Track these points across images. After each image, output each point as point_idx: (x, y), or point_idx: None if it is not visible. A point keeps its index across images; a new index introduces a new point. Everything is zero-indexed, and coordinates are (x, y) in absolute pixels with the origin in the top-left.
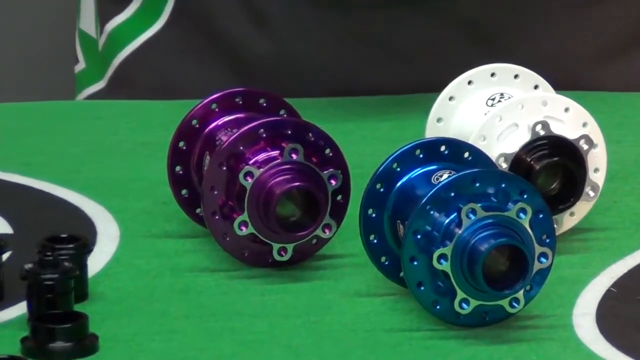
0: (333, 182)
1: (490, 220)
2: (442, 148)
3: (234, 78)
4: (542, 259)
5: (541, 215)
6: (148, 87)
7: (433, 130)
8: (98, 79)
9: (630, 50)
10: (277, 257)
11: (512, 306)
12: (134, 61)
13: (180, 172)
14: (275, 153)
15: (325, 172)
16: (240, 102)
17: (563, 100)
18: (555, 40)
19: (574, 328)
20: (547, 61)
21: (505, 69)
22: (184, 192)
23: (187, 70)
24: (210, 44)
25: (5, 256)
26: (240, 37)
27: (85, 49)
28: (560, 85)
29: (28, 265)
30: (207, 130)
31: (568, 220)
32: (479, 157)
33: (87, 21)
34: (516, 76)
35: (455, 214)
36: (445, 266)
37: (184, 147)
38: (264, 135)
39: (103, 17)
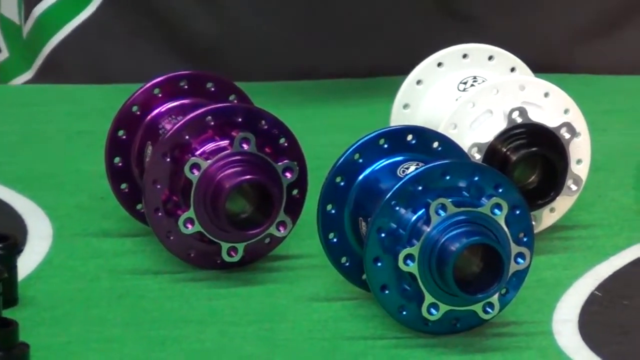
0: (288, 175)
1: (461, 217)
2: (409, 137)
3: (179, 61)
4: (519, 260)
5: (518, 212)
6: (83, 76)
7: (399, 117)
8: (25, 70)
9: (617, 29)
10: (226, 258)
11: (485, 312)
12: (66, 48)
13: (120, 164)
14: (224, 143)
15: (279, 163)
16: (186, 87)
17: (542, 84)
18: (536, 18)
19: (554, 336)
20: (526, 41)
21: (478, 49)
22: (123, 186)
23: (126, 54)
24: (151, 25)
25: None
26: (185, 16)
27: (8, 36)
28: (540, 66)
29: None
30: (149, 117)
31: (548, 217)
32: (449, 147)
33: (9, 6)
34: (490, 57)
35: (423, 210)
36: (412, 267)
37: (124, 137)
38: (212, 123)
39: (28, 1)
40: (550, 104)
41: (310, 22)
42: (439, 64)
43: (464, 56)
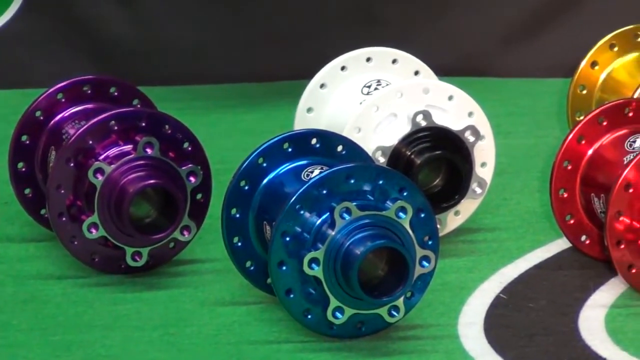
0: (192, 179)
1: (366, 221)
2: (313, 141)
3: (94, 66)
4: (424, 263)
5: (423, 215)
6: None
7: (303, 121)
8: None
9: (532, 34)
10: (130, 263)
11: (391, 315)
12: None
13: (23, 169)
14: (128, 147)
15: (183, 168)
16: (89, 92)
17: (446, 88)
18: (453, 23)
19: (460, 339)
20: (444, 45)
21: (382, 53)
22: (27, 191)
23: (45, 60)
24: (69, 30)
25: None
26: (103, 21)
27: None
28: (458, 70)
29: None
30: (52, 122)
31: (453, 220)
32: (353, 150)
33: None
34: (394, 61)
35: (328, 213)
36: (317, 271)
37: (27, 142)
38: (116, 128)
39: None
40: (455, 107)
41: (217, 26)
42: (343, 68)
43: (368, 60)
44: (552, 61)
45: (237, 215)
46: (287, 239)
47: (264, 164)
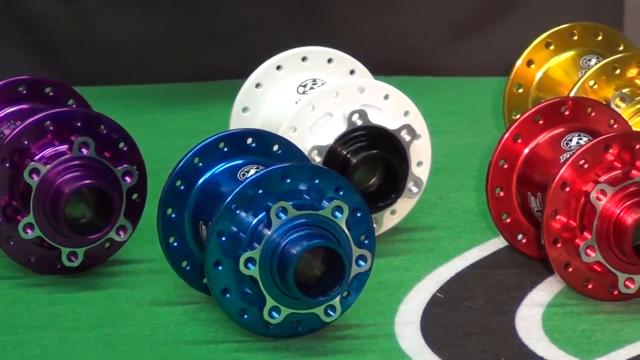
0: (128, 179)
1: (302, 220)
2: (249, 141)
3: (38, 63)
4: (361, 262)
5: (359, 214)
6: None
7: (238, 121)
8: None
9: (474, 33)
10: (66, 263)
11: (327, 314)
12: None
13: None
14: (63, 148)
15: (119, 168)
16: (24, 92)
17: (382, 87)
18: (395, 22)
19: (396, 338)
20: (386, 43)
21: (317, 52)
22: None
23: None
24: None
25: None
26: (42, 17)
27: None
28: (381, 70)
29: None
30: None
31: (389, 219)
32: (289, 150)
33: None
34: (330, 60)
35: (264, 213)
36: (254, 271)
37: None
38: (51, 128)
39: None
40: (390, 107)
41: (152, 26)
42: (278, 67)
43: (303, 59)
44: (489, 60)
45: (173, 215)
46: (223, 238)
47: (200, 164)
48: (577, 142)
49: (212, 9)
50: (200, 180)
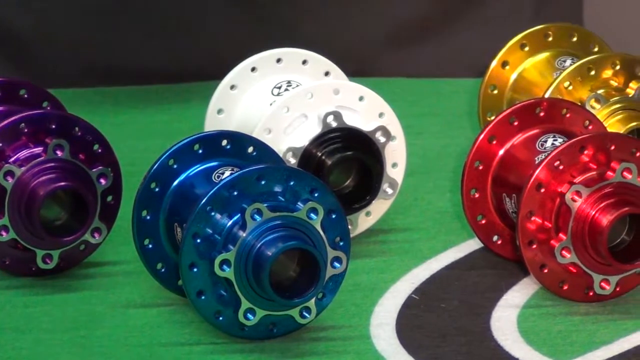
0: (103, 181)
1: (277, 222)
2: (224, 142)
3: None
4: (336, 264)
5: (334, 216)
6: None
7: (213, 122)
8: None
9: (432, 34)
10: (41, 265)
11: (302, 316)
12: None
13: None
14: (38, 150)
15: (94, 170)
16: None
17: (357, 88)
18: (350, 23)
19: (372, 339)
20: (341, 45)
21: (292, 54)
22: None
23: None
24: None
25: None
26: (10, 20)
27: None
28: (355, 71)
29: None
30: None
31: (364, 221)
32: (264, 152)
33: None
34: (304, 62)
35: (239, 215)
36: (229, 273)
37: None
38: (26, 130)
39: None
40: (365, 108)
41: (126, 28)
42: (253, 69)
43: (278, 61)
44: (463, 61)
45: (148, 217)
46: (198, 240)
47: (175, 166)
48: (552, 144)
49: (186, 12)
50: (175, 182)
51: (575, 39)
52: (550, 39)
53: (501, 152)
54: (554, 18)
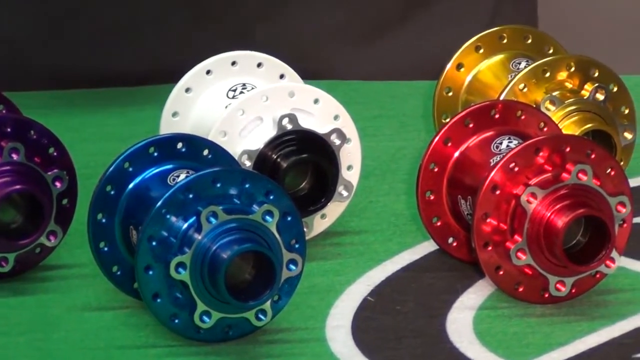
0: (58, 184)
1: (233, 225)
2: (179, 145)
3: None
4: (291, 266)
5: (289, 218)
6: None
7: (168, 125)
8: None
9: (385, 35)
10: None
11: (258, 319)
12: None
13: None
14: None
15: (49, 173)
16: None
17: (312, 91)
18: (303, 24)
19: (327, 342)
20: (296, 47)
21: (247, 56)
22: None
23: None
24: None
25: None
26: None
27: None
28: (311, 74)
29: None
30: None
31: (319, 223)
32: (219, 154)
33: None
34: (259, 65)
35: (195, 217)
36: (184, 276)
37: None
38: None
39: None
40: (320, 111)
41: (78, 30)
42: (208, 72)
43: (233, 63)
44: (418, 63)
45: (103, 220)
46: (154, 243)
47: (130, 169)
48: (507, 145)
49: (137, 13)
50: (131, 185)
51: (530, 41)
52: (505, 41)
53: (456, 154)
54: (511, 20)
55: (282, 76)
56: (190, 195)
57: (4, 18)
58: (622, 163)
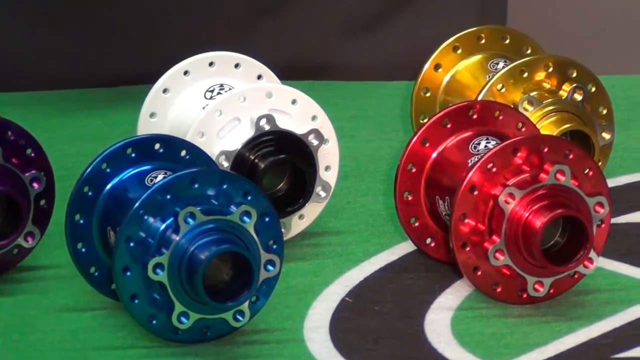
0: (36, 185)
1: (210, 225)
2: (157, 146)
3: None
4: (269, 267)
5: (267, 219)
6: None
7: (146, 126)
8: None
9: (362, 36)
10: None
11: (236, 319)
12: None
13: None
14: None
15: (26, 174)
16: None
17: (290, 92)
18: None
19: (305, 342)
20: (274, 48)
21: (224, 57)
22: None
23: None
24: None
25: None
26: None
27: None
28: (288, 74)
29: None
30: None
31: (297, 224)
32: (197, 155)
33: None
34: (237, 65)
35: (172, 218)
36: (162, 277)
37: None
38: None
39: None
40: (298, 111)
41: (57, 30)
42: (186, 72)
43: (211, 64)
44: (396, 64)
45: (81, 221)
46: (132, 244)
47: (108, 170)
48: (485, 146)
49: (118, 15)
50: (108, 186)
51: (507, 41)
52: (483, 41)
53: (434, 154)
54: (487, 21)
55: (259, 77)
56: (168, 196)
57: None
58: (600, 163)
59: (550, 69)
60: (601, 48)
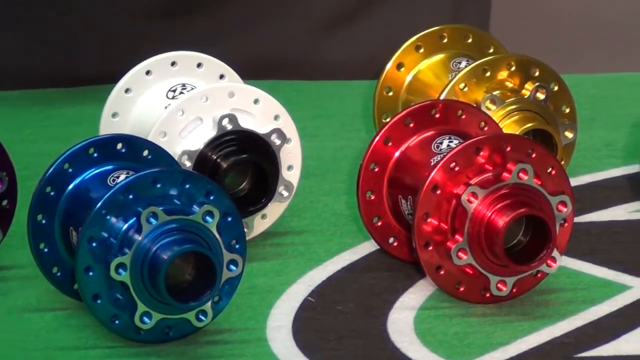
0: None
1: (173, 225)
2: (119, 146)
3: None
4: (232, 267)
5: (230, 219)
6: None
7: (108, 126)
8: None
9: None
10: None
11: (198, 319)
12: None
13: None
14: None
15: None
16: None
17: (252, 91)
18: (244, 25)
19: (268, 342)
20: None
21: (186, 57)
22: None
23: None
24: None
25: None
26: None
27: None
28: (250, 74)
29: None
30: None
31: (260, 224)
32: (159, 155)
33: None
34: (199, 65)
35: (135, 218)
36: (124, 277)
37: None
38: None
39: None
40: (260, 111)
41: (18, 29)
42: (148, 72)
43: (173, 64)
44: (358, 63)
45: (43, 221)
46: (94, 244)
47: (70, 170)
48: (448, 145)
49: (79, 15)
50: (71, 186)
51: (470, 40)
52: (446, 40)
53: (397, 154)
54: (451, 20)
55: (222, 76)
56: (130, 196)
57: None
58: (563, 162)
59: (513, 68)
60: (564, 47)
